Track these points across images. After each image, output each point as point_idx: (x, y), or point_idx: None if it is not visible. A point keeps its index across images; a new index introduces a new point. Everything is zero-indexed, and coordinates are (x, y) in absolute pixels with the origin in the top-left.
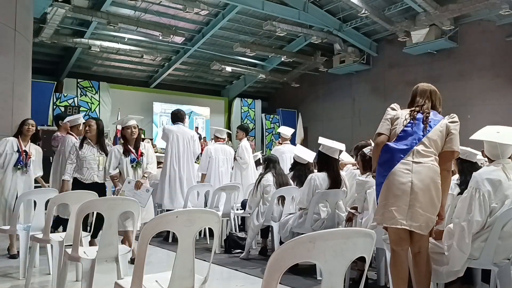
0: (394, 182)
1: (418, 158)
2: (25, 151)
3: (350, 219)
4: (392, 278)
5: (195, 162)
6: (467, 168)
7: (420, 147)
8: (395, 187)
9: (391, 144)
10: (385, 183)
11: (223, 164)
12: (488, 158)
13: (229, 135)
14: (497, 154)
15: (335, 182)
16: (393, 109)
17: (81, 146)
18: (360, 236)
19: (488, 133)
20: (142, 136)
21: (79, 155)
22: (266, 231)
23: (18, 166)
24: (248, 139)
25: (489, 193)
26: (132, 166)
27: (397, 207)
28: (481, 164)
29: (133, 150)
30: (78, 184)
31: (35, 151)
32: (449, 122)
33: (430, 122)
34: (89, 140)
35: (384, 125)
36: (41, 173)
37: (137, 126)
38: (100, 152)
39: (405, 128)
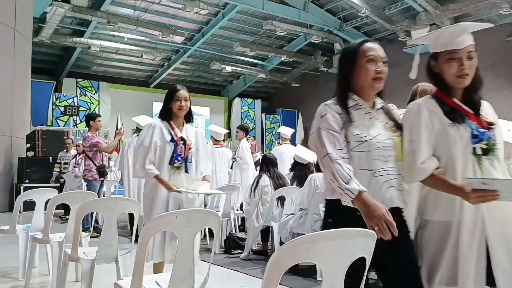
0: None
1: None
2: (181, 138)
3: None
4: None
5: None
6: None
7: None
8: None
9: None
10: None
11: (221, 169)
12: None
13: (228, 134)
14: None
15: None
16: None
17: None
18: (360, 236)
19: None
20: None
21: None
22: (266, 234)
23: (175, 163)
24: (249, 139)
25: None
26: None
27: None
28: None
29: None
30: None
31: (194, 137)
32: None
33: None
34: None
35: None
36: (208, 173)
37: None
38: None
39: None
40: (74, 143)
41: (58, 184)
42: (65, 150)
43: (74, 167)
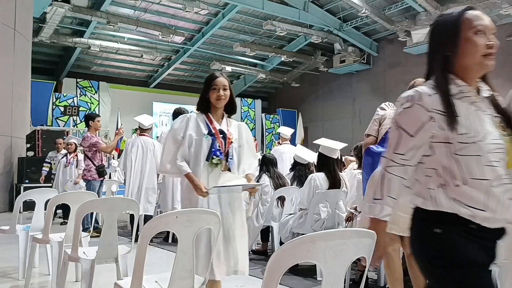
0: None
1: None
2: (221, 132)
3: (350, 219)
4: (388, 280)
5: None
6: None
7: None
8: None
9: (373, 147)
10: (367, 186)
11: None
12: None
13: None
14: None
15: (334, 182)
16: (382, 109)
17: None
18: (360, 236)
19: None
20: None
21: None
22: (266, 234)
23: (213, 159)
24: None
25: None
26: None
27: None
28: None
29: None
30: None
31: (237, 132)
32: None
33: None
34: None
35: (372, 126)
36: (252, 171)
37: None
38: None
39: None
40: (64, 143)
41: (50, 185)
42: (55, 150)
43: (65, 166)
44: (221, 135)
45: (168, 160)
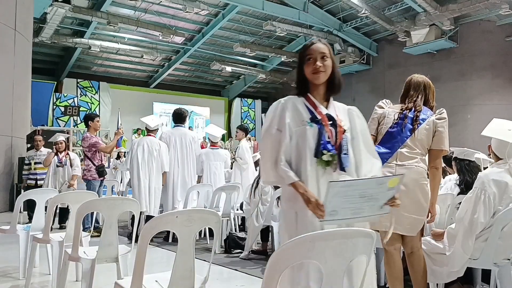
0: None
1: (402, 161)
2: (329, 117)
3: None
4: (388, 279)
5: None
6: (465, 167)
7: (404, 150)
8: None
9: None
10: None
11: (216, 170)
12: (493, 153)
13: (225, 135)
14: (503, 153)
15: None
16: (380, 107)
17: None
18: (360, 236)
19: (500, 130)
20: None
21: None
22: (266, 233)
23: (324, 155)
24: (250, 139)
25: (495, 195)
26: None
27: None
28: (479, 164)
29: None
30: None
31: (347, 118)
32: (436, 119)
33: (420, 123)
34: None
35: (371, 125)
36: (376, 172)
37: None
38: None
39: (390, 130)
40: (60, 139)
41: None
42: (34, 149)
43: (58, 166)
44: (330, 122)
45: (270, 166)
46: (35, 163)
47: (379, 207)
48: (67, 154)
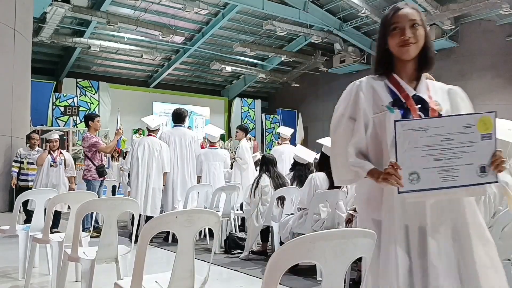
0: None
1: None
2: (417, 99)
3: (349, 221)
4: None
5: None
6: None
7: None
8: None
9: None
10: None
11: (215, 170)
12: None
13: (225, 135)
14: (504, 153)
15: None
16: None
17: None
18: (360, 236)
19: (500, 130)
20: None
21: None
22: (266, 234)
23: None
24: (250, 139)
25: (495, 195)
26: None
27: None
28: None
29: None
30: None
31: (447, 100)
32: None
33: None
34: None
35: None
36: None
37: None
38: None
39: None
40: (54, 137)
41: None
42: (28, 147)
43: (51, 165)
44: (419, 105)
45: (341, 163)
46: (28, 162)
47: (477, 171)
48: (61, 153)
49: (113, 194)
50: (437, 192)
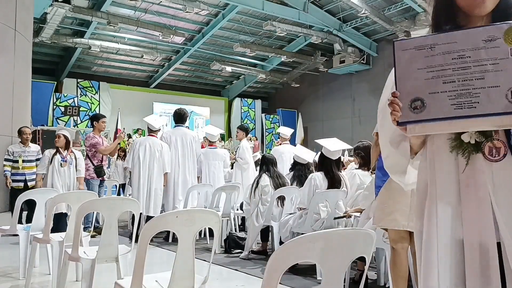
0: (394, 185)
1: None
2: None
3: (347, 216)
4: (392, 277)
5: None
6: None
7: None
8: (396, 191)
9: None
10: (384, 186)
11: (215, 169)
12: None
13: (226, 135)
14: None
15: (333, 182)
16: None
17: None
18: (360, 236)
19: None
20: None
21: None
22: (266, 233)
23: None
24: (251, 139)
25: None
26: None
27: (398, 210)
28: None
29: None
30: None
31: None
32: None
33: None
34: None
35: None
36: None
37: None
38: None
39: None
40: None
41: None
42: (19, 143)
43: (62, 166)
44: None
45: (386, 151)
46: (24, 161)
47: (508, 95)
48: (71, 151)
49: (119, 194)
50: (450, 123)
